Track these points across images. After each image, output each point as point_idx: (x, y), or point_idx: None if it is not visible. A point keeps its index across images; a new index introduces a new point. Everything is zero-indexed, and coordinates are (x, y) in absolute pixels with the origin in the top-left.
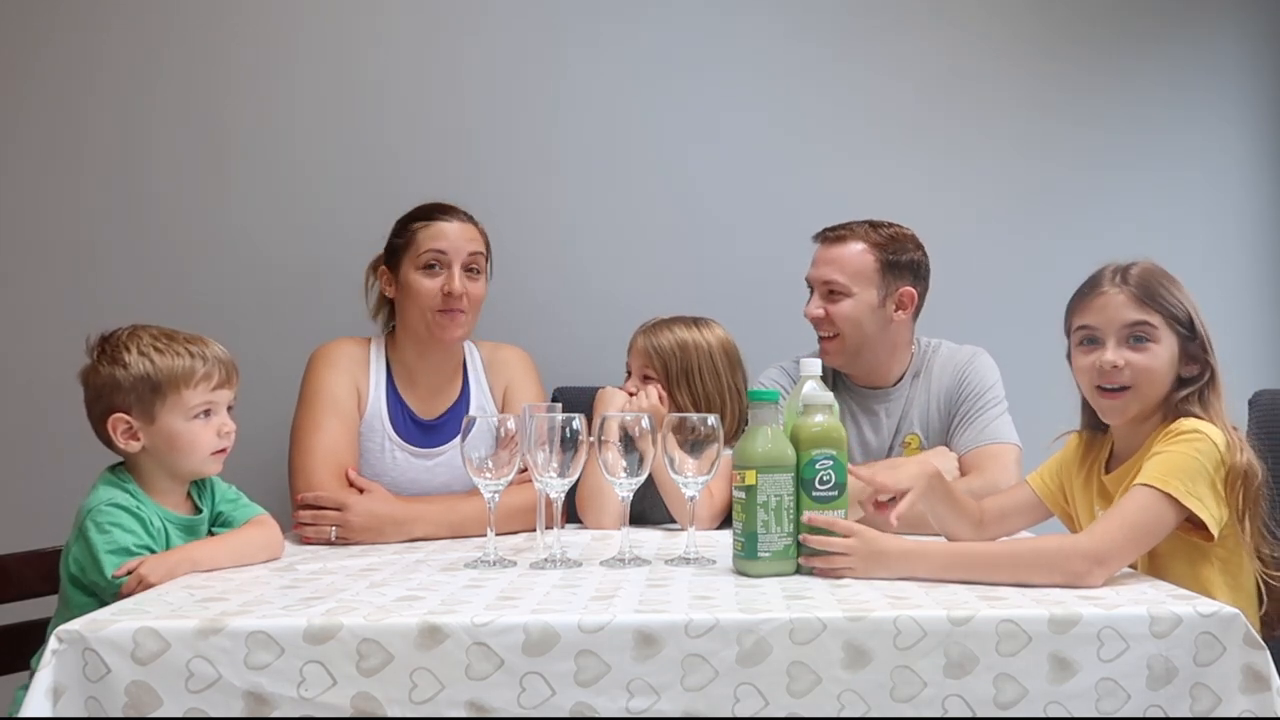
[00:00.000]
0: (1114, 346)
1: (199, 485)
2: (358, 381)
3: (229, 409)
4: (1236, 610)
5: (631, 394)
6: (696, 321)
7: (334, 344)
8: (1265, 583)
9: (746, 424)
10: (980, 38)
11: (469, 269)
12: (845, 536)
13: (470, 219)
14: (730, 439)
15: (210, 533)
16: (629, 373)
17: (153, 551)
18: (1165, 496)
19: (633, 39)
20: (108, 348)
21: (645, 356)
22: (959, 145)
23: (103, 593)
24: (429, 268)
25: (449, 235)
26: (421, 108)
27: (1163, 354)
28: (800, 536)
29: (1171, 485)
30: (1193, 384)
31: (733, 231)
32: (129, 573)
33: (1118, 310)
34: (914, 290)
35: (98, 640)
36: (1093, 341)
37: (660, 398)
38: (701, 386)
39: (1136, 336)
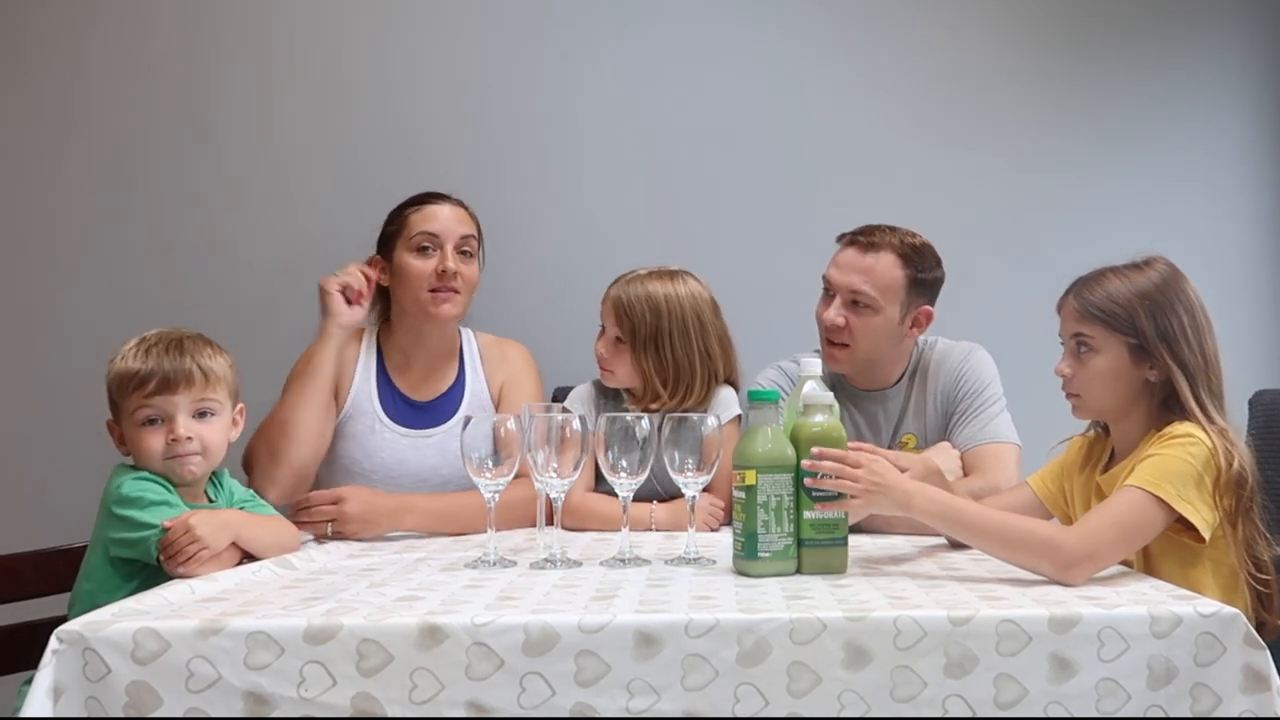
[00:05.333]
0: (1065, 356)
1: (214, 484)
2: (340, 367)
3: (203, 415)
4: (1237, 610)
5: (603, 355)
6: (673, 275)
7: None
8: (1252, 586)
9: (715, 387)
10: (983, 39)
11: (461, 251)
12: (855, 467)
13: (462, 204)
14: (699, 405)
15: None
16: (602, 326)
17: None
18: (1155, 499)
19: (638, 37)
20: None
21: (616, 314)
22: (959, 144)
23: (147, 551)
24: (421, 250)
25: (440, 218)
26: (427, 103)
27: (1102, 363)
28: (806, 464)
29: (1162, 489)
30: (1164, 387)
31: (735, 231)
32: (176, 524)
33: (1066, 321)
34: (932, 310)
35: (98, 640)
36: (1063, 348)
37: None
38: (670, 353)
39: (1079, 346)
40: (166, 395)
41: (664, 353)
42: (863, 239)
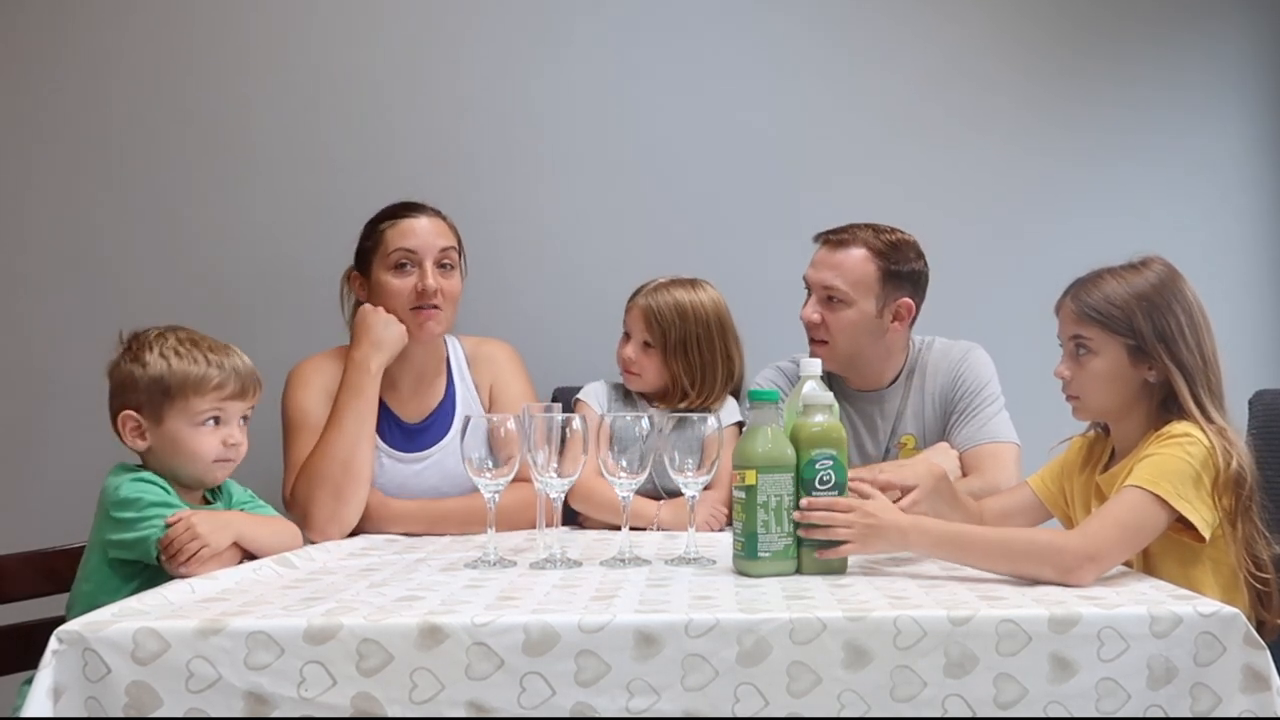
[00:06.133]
0: (1064, 358)
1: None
2: (332, 394)
3: (244, 419)
4: (1236, 610)
5: (630, 359)
6: (693, 283)
7: (304, 363)
8: (1252, 585)
9: (732, 390)
10: (980, 36)
11: (441, 264)
12: (845, 512)
13: (439, 214)
14: (717, 403)
15: None
16: (626, 335)
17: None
18: (1155, 498)
19: (628, 33)
20: (134, 345)
21: (645, 320)
22: (958, 143)
23: (147, 552)
24: (400, 267)
25: (418, 232)
26: (412, 105)
27: (1100, 364)
28: (797, 515)
29: (1161, 487)
30: (1163, 387)
31: (731, 230)
32: (177, 523)
33: (1064, 323)
34: (912, 301)
35: (98, 640)
36: (1062, 350)
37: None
38: (698, 355)
39: (1078, 348)
40: (236, 400)
41: (692, 355)
42: (834, 236)
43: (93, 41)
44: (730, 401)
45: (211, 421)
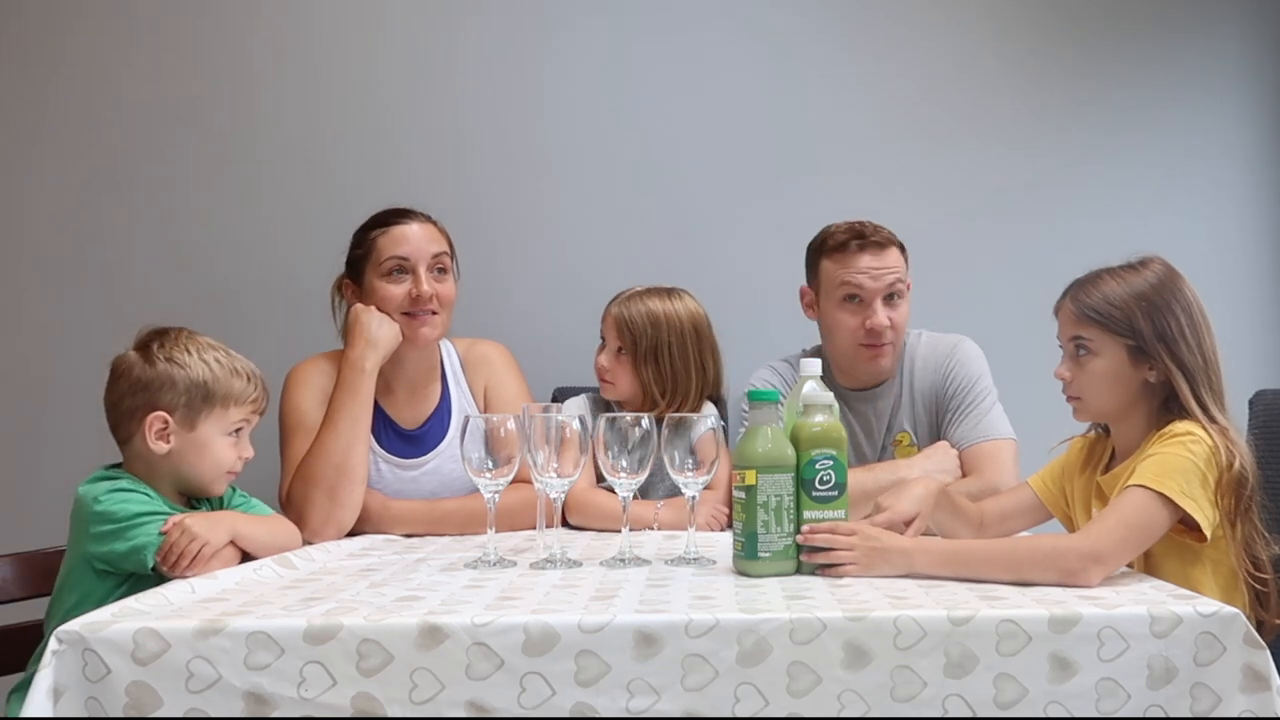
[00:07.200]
0: (1064, 359)
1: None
2: (329, 394)
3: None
4: (1237, 610)
5: (605, 368)
6: (670, 293)
7: (302, 364)
8: (1250, 586)
9: (706, 400)
10: (979, 36)
11: (435, 270)
12: (848, 535)
13: (430, 219)
14: (686, 410)
15: None
16: (603, 341)
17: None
18: (1160, 497)
19: (625, 33)
20: (165, 344)
21: (618, 328)
22: (957, 143)
23: (142, 563)
24: (393, 274)
25: (410, 239)
26: (410, 107)
27: (1100, 365)
28: (800, 539)
29: (1167, 486)
30: (1164, 387)
31: (729, 231)
32: (172, 529)
33: (1064, 325)
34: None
35: (98, 641)
36: (1062, 351)
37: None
38: (669, 364)
39: (1078, 349)
40: (258, 415)
41: (663, 364)
42: (872, 239)
43: (94, 45)
44: (709, 408)
45: (235, 433)
